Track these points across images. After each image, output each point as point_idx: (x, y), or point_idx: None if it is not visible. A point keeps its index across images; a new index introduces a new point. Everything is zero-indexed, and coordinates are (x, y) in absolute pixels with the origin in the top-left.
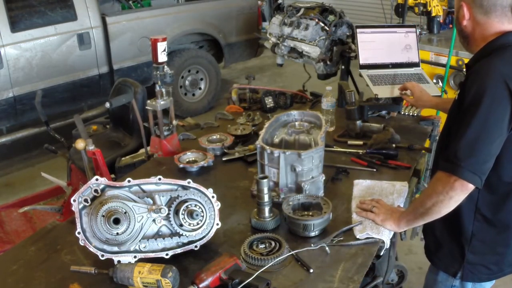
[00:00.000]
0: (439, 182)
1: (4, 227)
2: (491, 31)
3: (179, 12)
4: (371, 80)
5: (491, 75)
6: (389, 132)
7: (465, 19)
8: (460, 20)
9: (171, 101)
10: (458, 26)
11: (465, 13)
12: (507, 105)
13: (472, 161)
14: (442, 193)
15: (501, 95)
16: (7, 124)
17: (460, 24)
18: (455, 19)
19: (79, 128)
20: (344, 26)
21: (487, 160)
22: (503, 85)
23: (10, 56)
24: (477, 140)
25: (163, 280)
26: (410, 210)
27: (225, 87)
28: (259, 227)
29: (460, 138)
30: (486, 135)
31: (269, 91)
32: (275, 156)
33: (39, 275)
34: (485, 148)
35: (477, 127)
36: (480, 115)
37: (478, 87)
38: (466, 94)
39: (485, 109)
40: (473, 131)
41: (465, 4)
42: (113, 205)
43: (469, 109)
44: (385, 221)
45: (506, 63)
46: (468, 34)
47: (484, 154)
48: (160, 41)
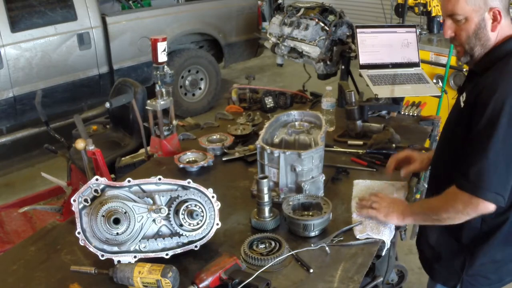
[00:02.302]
0: (460, 201)
1: (4, 227)
2: (506, 34)
3: (179, 12)
4: (371, 80)
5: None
6: (389, 132)
7: (499, 25)
8: (487, 30)
9: (171, 101)
10: (483, 38)
11: (500, 17)
12: None
13: (496, 183)
14: (463, 212)
15: None
16: (7, 124)
17: (486, 34)
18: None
19: (79, 128)
20: (344, 26)
21: (509, 179)
22: None
23: (10, 56)
24: (500, 160)
25: (163, 280)
26: (419, 210)
27: (225, 87)
28: (259, 227)
29: (482, 158)
30: (509, 154)
31: (269, 91)
32: (275, 156)
33: (39, 275)
34: (506, 166)
35: (499, 146)
36: (501, 132)
37: (496, 100)
38: (482, 107)
39: (506, 125)
40: (495, 151)
41: (497, 8)
42: (113, 205)
43: (489, 126)
44: (389, 215)
45: None
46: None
47: (508, 174)
48: (160, 41)
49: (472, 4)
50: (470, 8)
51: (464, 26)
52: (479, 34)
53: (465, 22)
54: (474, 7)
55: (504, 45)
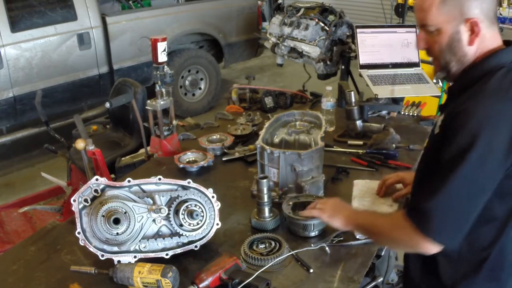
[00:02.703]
0: (404, 232)
1: (4, 227)
2: (488, 48)
3: (179, 12)
4: (371, 80)
5: (489, 118)
6: (389, 132)
7: (477, 38)
8: (462, 44)
9: (171, 101)
10: (459, 52)
11: (478, 30)
12: (503, 158)
13: (449, 224)
14: (404, 244)
15: (499, 144)
16: (7, 124)
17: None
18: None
19: (79, 128)
20: (344, 26)
21: (465, 223)
22: (503, 132)
23: (10, 56)
24: (460, 199)
25: (163, 280)
26: (364, 222)
27: (225, 87)
28: (259, 227)
29: (440, 192)
30: (471, 195)
31: (269, 91)
32: (275, 156)
33: (39, 275)
34: (465, 209)
35: (462, 183)
36: (468, 168)
37: (470, 131)
38: (453, 136)
39: (476, 162)
40: (456, 187)
41: (474, 19)
42: (113, 205)
43: (456, 158)
44: (332, 217)
45: (507, 100)
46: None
47: (463, 216)
48: (160, 41)
49: (445, 13)
50: (443, 19)
51: (437, 39)
52: (453, 48)
53: (438, 34)
54: (448, 17)
55: (485, 61)
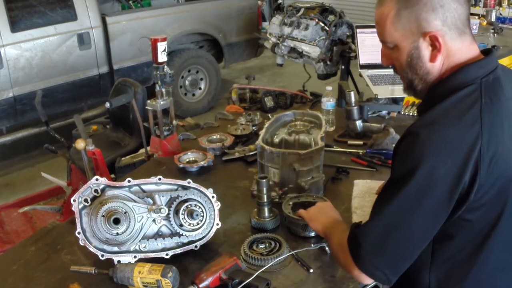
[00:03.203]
0: (343, 253)
1: (4, 227)
2: (456, 62)
3: (179, 12)
4: (371, 80)
5: (435, 148)
6: (389, 132)
7: (440, 54)
8: (422, 61)
9: (171, 101)
10: (420, 70)
11: (439, 45)
12: (444, 193)
13: (377, 254)
14: (342, 267)
15: (441, 177)
16: (7, 124)
17: (423, 66)
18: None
19: (79, 128)
20: (344, 26)
21: (400, 257)
22: (447, 165)
23: (10, 56)
24: (391, 228)
25: (163, 280)
26: (329, 233)
27: (225, 87)
28: (259, 227)
29: (373, 216)
30: (405, 225)
31: (269, 91)
32: (275, 156)
33: (39, 275)
34: (400, 241)
35: (395, 212)
36: (404, 195)
37: (412, 159)
38: (398, 161)
39: (413, 190)
40: (388, 214)
41: (433, 33)
42: (113, 205)
43: (394, 184)
44: (311, 221)
45: (461, 128)
46: (434, 77)
47: (397, 249)
48: (160, 41)
49: (400, 28)
50: (399, 34)
51: (396, 55)
52: (414, 66)
53: (396, 51)
54: (404, 32)
55: (451, 78)
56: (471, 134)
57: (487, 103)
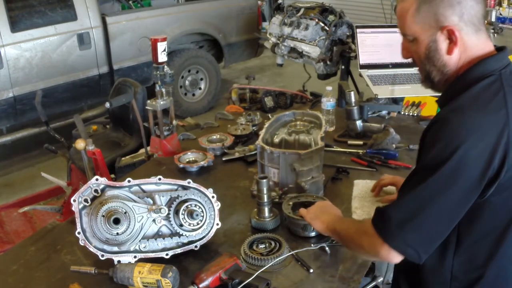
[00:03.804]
0: (366, 237)
1: (4, 227)
2: (473, 56)
3: (179, 12)
4: (371, 80)
5: (467, 131)
6: (389, 132)
7: (456, 47)
8: (440, 53)
9: (171, 101)
10: (437, 62)
11: (456, 38)
12: (476, 174)
13: (410, 232)
14: (365, 250)
15: (473, 159)
16: (7, 124)
17: (440, 58)
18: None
19: (79, 128)
20: (344, 26)
21: (432, 235)
22: (479, 147)
23: (10, 56)
24: (424, 207)
25: (163, 280)
26: (338, 228)
27: (225, 87)
28: (259, 227)
29: (403, 198)
30: (438, 204)
31: (269, 91)
32: (275, 156)
33: (39, 275)
34: (432, 219)
35: (429, 192)
36: (441, 178)
37: (450, 140)
38: (428, 147)
39: (447, 172)
40: (422, 195)
41: (450, 27)
42: (113, 205)
43: (426, 168)
44: (314, 220)
45: (489, 114)
46: (451, 70)
47: (429, 227)
48: (160, 41)
49: (420, 22)
50: (418, 28)
51: (415, 48)
52: (431, 58)
53: (416, 43)
54: (423, 26)
55: (470, 71)
56: (499, 118)
57: (509, 92)
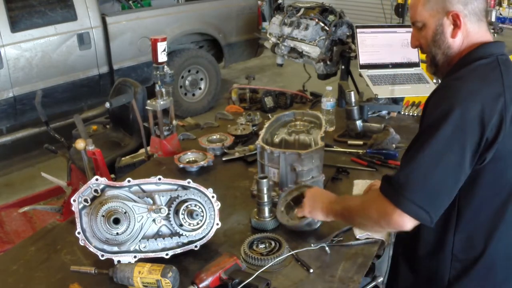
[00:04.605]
0: (375, 208)
1: (4, 227)
2: (474, 42)
3: (179, 12)
4: (371, 80)
5: (466, 94)
6: (389, 132)
7: (460, 30)
8: (445, 36)
9: (171, 101)
10: (443, 44)
11: (460, 22)
12: (475, 135)
13: (421, 193)
14: (376, 222)
15: (472, 120)
16: (7, 124)
17: (445, 41)
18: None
19: (79, 128)
20: (344, 26)
21: (440, 194)
22: (477, 109)
23: (10, 56)
24: (430, 167)
25: (163, 280)
26: (339, 208)
27: (225, 87)
28: (259, 227)
29: (409, 161)
30: (442, 163)
31: (269, 91)
32: (275, 156)
33: (39, 275)
34: (439, 178)
35: (433, 152)
36: (441, 139)
37: (447, 104)
38: (429, 111)
39: (448, 132)
40: (429, 157)
41: (455, 12)
42: (113, 205)
43: (428, 130)
44: (313, 211)
45: (486, 82)
46: (454, 52)
47: (437, 186)
48: (160, 41)
49: (429, 9)
50: (427, 14)
51: (424, 33)
52: (437, 41)
53: (424, 29)
54: (432, 12)
55: (470, 54)
56: (495, 87)
57: (505, 70)
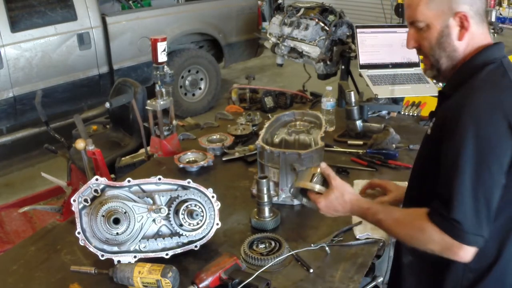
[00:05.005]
0: (434, 242)
1: (4, 227)
2: (478, 45)
3: (179, 12)
4: (371, 80)
5: (488, 108)
6: (389, 132)
7: (467, 32)
8: (451, 38)
9: (171, 101)
10: (448, 47)
11: (467, 24)
12: (508, 148)
13: (475, 223)
14: (436, 251)
15: (501, 135)
16: (7, 124)
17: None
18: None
19: (79, 128)
20: (344, 26)
21: (490, 217)
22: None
23: (10, 56)
24: (478, 196)
25: (163, 280)
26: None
27: (225, 87)
28: (259, 227)
29: (455, 192)
30: (487, 188)
31: (269, 91)
32: (275, 156)
33: (39, 275)
34: (488, 204)
35: (475, 179)
36: (477, 160)
37: (470, 124)
38: (449, 132)
39: (482, 154)
40: (470, 185)
41: (463, 14)
42: (113, 205)
43: (462, 155)
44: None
45: (502, 91)
46: (459, 56)
47: (488, 212)
48: (160, 41)
49: (434, 8)
50: (432, 13)
51: (426, 35)
52: (443, 44)
53: (427, 30)
54: (437, 12)
55: (475, 57)
56: (509, 95)
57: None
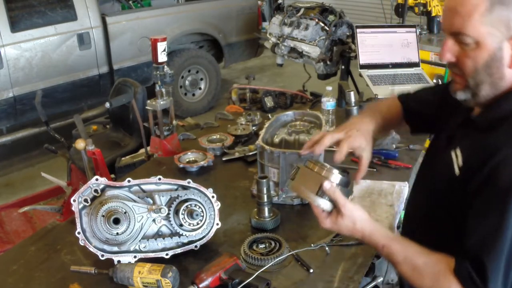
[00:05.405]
0: None
1: (4, 227)
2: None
3: (179, 12)
4: (371, 80)
5: None
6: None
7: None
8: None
9: (171, 101)
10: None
11: None
12: None
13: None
14: None
15: None
16: (7, 124)
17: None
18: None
19: (79, 128)
20: (344, 26)
21: None
22: None
23: (10, 56)
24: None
25: (163, 280)
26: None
27: (225, 87)
28: (259, 227)
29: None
30: None
31: (269, 91)
32: (275, 156)
33: (39, 275)
34: None
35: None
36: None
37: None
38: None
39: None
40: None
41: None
42: (113, 205)
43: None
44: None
45: None
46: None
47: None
48: (160, 41)
49: (489, 24)
50: (486, 31)
51: (473, 53)
52: (491, 68)
53: (476, 48)
54: (491, 30)
55: None
56: None
57: None
